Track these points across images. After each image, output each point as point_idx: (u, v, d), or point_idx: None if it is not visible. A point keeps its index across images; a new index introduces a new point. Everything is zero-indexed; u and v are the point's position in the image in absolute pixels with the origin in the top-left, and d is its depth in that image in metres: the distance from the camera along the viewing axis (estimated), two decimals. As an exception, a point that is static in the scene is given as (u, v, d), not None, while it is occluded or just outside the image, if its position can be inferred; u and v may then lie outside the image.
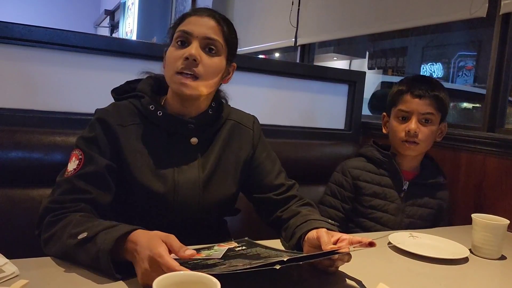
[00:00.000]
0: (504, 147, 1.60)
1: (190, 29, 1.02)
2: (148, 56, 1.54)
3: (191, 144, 1.08)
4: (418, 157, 1.54)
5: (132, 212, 1.08)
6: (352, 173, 1.53)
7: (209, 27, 1.03)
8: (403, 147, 1.49)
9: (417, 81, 1.49)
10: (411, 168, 1.54)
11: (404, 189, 1.50)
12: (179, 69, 1.00)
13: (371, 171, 1.53)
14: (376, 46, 6.46)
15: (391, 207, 1.49)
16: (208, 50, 1.03)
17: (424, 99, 1.45)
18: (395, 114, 1.52)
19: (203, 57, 1.02)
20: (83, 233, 0.83)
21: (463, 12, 1.95)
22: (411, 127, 1.45)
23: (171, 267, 0.71)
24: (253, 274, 0.74)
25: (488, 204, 1.64)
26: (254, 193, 1.20)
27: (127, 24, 6.82)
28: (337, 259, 0.89)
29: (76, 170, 0.98)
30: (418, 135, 1.45)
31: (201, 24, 1.03)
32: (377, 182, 1.51)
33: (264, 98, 1.87)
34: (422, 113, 1.45)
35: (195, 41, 1.01)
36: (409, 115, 1.47)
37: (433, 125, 1.48)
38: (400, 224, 1.49)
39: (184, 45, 1.02)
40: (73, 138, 1.31)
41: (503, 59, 1.79)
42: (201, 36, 1.02)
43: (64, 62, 1.45)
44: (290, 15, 3.23)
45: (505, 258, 1.18)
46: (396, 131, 1.50)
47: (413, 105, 1.46)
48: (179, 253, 0.76)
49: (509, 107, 1.90)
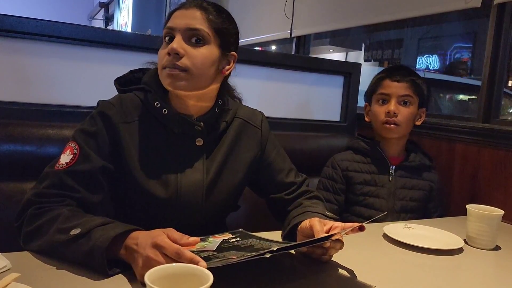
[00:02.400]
0: (499, 138, 1.60)
1: (173, 24, 0.98)
2: (143, 48, 1.52)
3: (196, 145, 1.04)
4: (401, 141, 1.60)
5: (131, 213, 1.05)
6: (341, 165, 1.59)
7: (193, 17, 0.98)
8: (385, 129, 1.56)
9: (395, 68, 1.62)
10: (396, 153, 1.60)
11: (391, 173, 1.55)
12: (165, 64, 0.97)
13: (359, 161, 1.59)
14: (372, 38, 6.44)
15: (382, 192, 1.54)
16: (195, 42, 0.98)
17: (402, 82, 1.55)
18: (376, 99, 1.61)
19: (187, 49, 0.97)
20: (75, 228, 0.81)
21: (459, 2, 1.94)
22: (391, 108, 1.53)
23: (176, 249, 0.72)
24: (246, 265, 0.74)
25: (483, 194, 1.65)
26: (266, 193, 1.19)
27: (122, 16, 6.76)
28: (330, 247, 0.89)
29: (68, 165, 0.93)
30: (398, 115, 1.53)
31: (184, 16, 0.99)
32: (366, 170, 1.57)
33: (260, 90, 1.86)
34: (401, 95, 1.54)
35: (178, 35, 0.97)
36: (389, 98, 1.56)
37: (412, 107, 1.56)
38: (394, 208, 1.53)
39: (171, 42, 0.98)
40: (66, 131, 1.31)
41: (498, 50, 1.79)
42: (183, 28, 0.97)
43: (56, 54, 1.43)
44: (285, 7, 3.21)
45: (500, 249, 1.18)
46: (377, 114, 1.58)
47: (391, 88, 1.56)
48: (181, 242, 0.77)
49: (504, 98, 1.90)
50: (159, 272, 0.63)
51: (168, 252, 0.73)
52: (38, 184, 0.94)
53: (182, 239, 0.78)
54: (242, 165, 1.12)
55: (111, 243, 0.78)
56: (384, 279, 0.92)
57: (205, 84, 1.01)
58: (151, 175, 1.00)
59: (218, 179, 1.07)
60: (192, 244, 0.79)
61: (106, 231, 0.80)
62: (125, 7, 6.53)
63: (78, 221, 0.84)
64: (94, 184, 0.96)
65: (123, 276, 0.79)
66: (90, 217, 0.86)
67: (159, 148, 1.02)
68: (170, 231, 0.79)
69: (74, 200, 0.93)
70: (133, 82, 1.09)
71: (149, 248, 0.74)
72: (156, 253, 0.74)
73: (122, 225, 0.83)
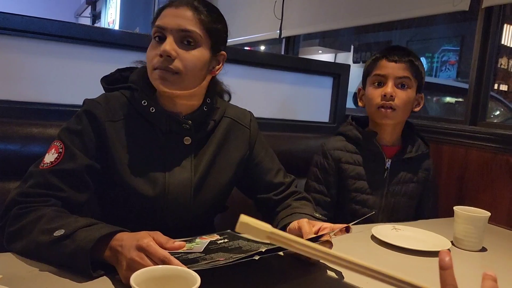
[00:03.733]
0: (486, 140, 1.61)
1: (164, 23, 0.96)
2: (131, 46, 1.50)
3: (184, 144, 1.03)
4: (397, 128, 1.49)
5: (118, 213, 1.04)
6: (333, 155, 1.48)
7: (184, 18, 0.96)
8: (380, 114, 1.43)
9: (393, 48, 1.47)
10: (392, 142, 1.50)
11: (387, 168, 1.46)
12: (156, 65, 0.96)
13: (352, 151, 1.48)
14: (361, 39, 6.47)
15: (376, 188, 1.46)
16: (186, 43, 0.97)
17: (400, 63, 1.42)
18: (371, 81, 1.47)
19: (179, 51, 0.96)
20: (59, 229, 0.80)
21: (446, 5, 1.95)
22: (387, 91, 1.40)
23: (160, 254, 0.71)
24: (234, 267, 0.73)
25: (470, 196, 1.66)
26: (254, 193, 1.18)
27: (109, 14, 6.70)
28: None
29: (53, 164, 0.92)
30: (395, 99, 1.41)
31: (175, 16, 0.96)
32: (359, 162, 1.47)
33: (249, 90, 1.85)
34: (399, 76, 1.42)
35: (169, 36, 0.96)
36: (385, 80, 1.43)
37: (410, 91, 1.44)
38: (387, 205, 1.47)
39: (161, 41, 0.97)
40: (51, 130, 1.28)
41: (486, 53, 1.81)
42: (175, 29, 0.96)
43: (41, 52, 1.40)
44: (275, 7, 3.21)
45: (486, 250, 1.19)
46: (372, 98, 1.45)
47: (388, 69, 1.43)
48: (167, 245, 0.75)
49: (490, 101, 1.92)
50: (145, 275, 0.62)
51: (154, 258, 0.72)
52: (22, 183, 0.92)
53: (168, 243, 0.76)
54: (231, 164, 1.11)
55: (96, 244, 0.76)
56: (372, 281, 0.91)
57: (195, 85, 1.01)
58: (138, 173, 0.99)
59: (206, 178, 1.06)
60: (177, 249, 0.77)
61: (91, 233, 0.78)
62: (112, 4, 6.48)
63: (62, 222, 0.82)
64: (79, 183, 0.94)
65: (108, 278, 0.77)
66: (75, 218, 0.85)
67: (146, 147, 1.01)
68: (156, 233, 0.78)
69: (59, 200, 0.91)
70: (120, 81, 1.07)
71: (134, 251, 0.73)
72: (141, 255, 0.72)
73: (107, 226, 0.82)
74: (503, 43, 2.01)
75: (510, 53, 4.08)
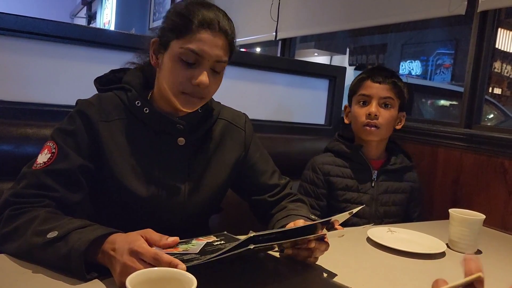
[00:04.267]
0: (480, 143, 1.62)
1: (203, 52, 0.92)
2: (126, 47, 1.49)
3: (178, 145, 1.02)
4: (381, 143, 1.58)
5: (112, 214, 1.03)
6: (322, 169, 1.55)
7: (221, 47, 0.94)
8: (365, 132, 1.53)
9: (377, 69, 1.58)
10: (377, 156, 1.57)
11: (374, 179, 1.53)
12: (186, 91, 0.94)
13: (341, 165, 1.55)
14: (357, 42, 6.50)
15: (365, 198, 1.51)
16: (216, 71, 0.96)
17: (383, 84, 1.52)
18: (356, 100, 1.57)
19: (211, 80, 0.95)
20: (52, 231, 0.79)
21: (442, 9, 1.96)
22: (372, 110, 1.50)
23: (154, 255, 0.70)
24: (231, 267, 0.73)
25: (465, 199, 1.66)
26: (249, 194, 1.18)
27: (105, 15, 6.68)
28: (315, 249, 0.88)
29: (46, 164, 0.91)
30: (379, 118, 1.50)
31: (214, 45, 0.92)
32: (348, 175, 1.54)
33: (244, 92, 1.85)
34: (382, 97, 1.51)
35: (206, 65, 0.93)
36: (370, 99, 1.53)
37: (393, 110, 1.53)
38: (376, 214, 1.52)
39: (191, 65, 0.93)
40: (45, 130, 1.27)
41: (481, 56, 1.81)
42: (212, 60, 0.94)
43: (37, 52, 1.39)
44: (271, 9, 3.21)
45: (481, 253, 1.19)
46: (357, 116, 1.55)
47: (373, 89, 1.52)
48: (161, 243, 0.75)
49: (485, 105, 1.93)
50: (141, 277, 0.61)
51: (146, 258, 0.71)
52: (15, 184, 0.91)
53: (162, 240, 0.76)
54: (225, 166, 1.11)
55: (89, 246, 0.76)
56: (367, 283, 0.92)
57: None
58: (132, 174, 0.98)
59: (200, 180, 1.06)
60: (171, 245, 0.77)
61: (84, 234, 0.78)
62: (108, 5, 6.46)
63: (56, 223, 0.82)
64: (73, 182, 0.94)
65: (102, 281, 0.77)
66: (68, 220, 0.84)
67: (140, 147, 1.00)
68: (148, 232, 0.77)
69: (53, 200, 0.90)
70: (114, 82, 1.06)
71: (126, 255, 0.72)
72: (133, 260, 0.71)
73: (101, 228, 0.81)
74: (497, 47, 2.02)
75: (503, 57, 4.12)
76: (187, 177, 1.04)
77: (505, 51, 4.25)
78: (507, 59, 4.21)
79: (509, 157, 1.53)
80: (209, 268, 0.73)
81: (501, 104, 3.90)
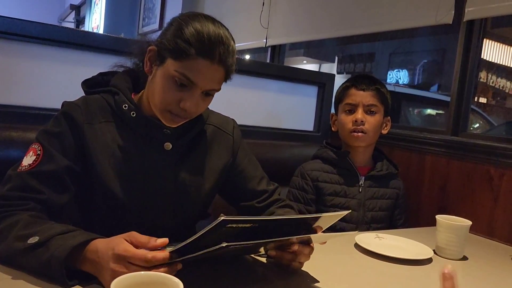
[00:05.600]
0: (467, 151, 1.64)
1: (197, 81, 0.90)
2: (114, 50, 1.48)
3: (164, 150, 1.01)
4: (368, 149, 1.61)
5: (97, 218, 1.02)
6: (310, 175, 1.57)
7: (217, 79, 0.92)
8: (352, 138, 1.56)
9: (360, 77, 1.62)
10: (364, 163, 1.60)
11: (361, 184, 1.55)
12: (173, 111, 0.93)
13: (329, 171, 1.58)
14: (345, 51, 6.56)
15: (352, 203, 1.53)
16: (207, 95, 0.95)
17: (367, 91, 1.56)
18: (342, 109, 1.61)
19: (199, 101, 0.94)
20: (33, 236, 0.77)
21: (430, 19, 1.99)
22: (358, 117, 1.54)
23: (140, 255, 0.69)
24: (217, 274, 0.72)
25: (452, 205, 1.68)
26: (237, 200, 1.17)
27: (94, 19, 6.63)
28: (298, 251, 0.88)
29: (32, 166, 0.90)
30: (365, 124, 1.54)
31: (210, 77, 0.91)
32: (336, 181, 1.56)
33: (233, 97, 1.85)
34: (367, 104, 1.55)
35: (197, 91, 0.91)
36: (355, 107, 1.57)
37: (378, 116, 1.57)
38: (363, 219, 1.53)
39: (183, 86, 0.90)
40: (30, 133, 1.25)
41: (467, 66, 1.84)
42: (204, 89, 0.92)
43: (23, 54, 1.38)
44: (261, 16, 3.23)
45: (467, 259, 1.20)
46: (344, 123, 1.59)
47: (358, 97, 1.56)
48: (149, 245, 0.74)
49: (470, 114, 1.96)
50: (126, 281, 0.60)
51: (136, 261, 0.70)
52: (0, 187, 0.90)
53: (150, 242, 0.74)
54: (213, 172, 1.10)
55: (71, 253, 0.74)
56: (349, 286, 0.92)
57: None
58: (117, 178, 0.97)
59: (187, 185, 1.05)
60: (161, 246, 0.75)
61: (66, 241, 0.76)
62: (97, 10, 6.42)
63: (38, 228, 0.80)
64: (59, 184, 0.92)
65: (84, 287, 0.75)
66: (51, 224, 0.82)
67: (125, 151, 0.99)
68: (133, 235, 0.75)
69: (38, 203, 0.89)
70: (101, 85, 1.05)
71: (112, 261, 0.71)
72: (120, 265, 0.70)
73: (83, 233, 0.79)
74: (483, 57, 2.05)
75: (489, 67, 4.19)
76: (173, 182, 1.02)
77: (491, 62, 4.32)
78: (492, 69, 4.28)
79: (494, 165, 1.55)
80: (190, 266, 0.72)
81: (486, 114, 3.95)
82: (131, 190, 0.98)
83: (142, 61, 1.02)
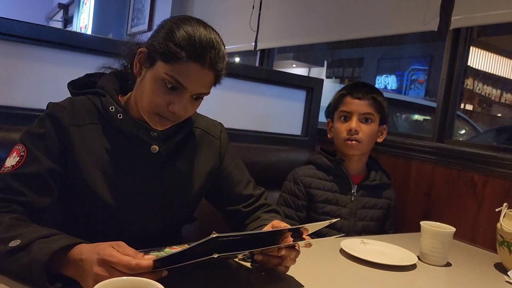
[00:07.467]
0: (452, 158, 1.66)
1: (187, 85, 0.89)
2: (102, 51, 1.46)
3: (151, 152, 1.00)
4: (362, 158, 1.60)
5: (80, 222, 1.00)
6: (303, 181, 1.56)
7: (207, 83, 0.92)
8: (346, 146, 1.55)
9: (357, 85, 1.62)
10: (358, 171, 1.60)
11: (354, 193, 1.54)
12: (161, 114, 0.92)
13: (322, 178, 1.57)
14: (335, 56, 6.60)
15: (344, 212, 1.53)
16: (197, 98, 0.95)
17: (363, 100, 1.55)
18: (338, 116, 1.60)
19: (188, 104, 0.93)
20: (15, 239, 0.76)
21: (417, 25, 2.01)
22: (352, 126, 1.53)
23: (125, 261, 0.68)
24: (201, 279, 0.72)
25: (436, 212, 1.70)
26: (223, 204, 1.16)
27: (82, 19, 6.58)
28: (285, 256, 0.88)
29: (14, 168, 0.88)
30: (359, 133, 1.53)
31: (200, 81, 0.90)
32: (329, 188, 1.55)
33: (221, 101, 1.85)
34: (362, 113, 1.55)
35: (187, 94, 0.91)
36: (350, 115, 1.56)
37: (373, 125, 1.56)
38: (354, 228, 1.53)
39: (172, 89, 0.90)
40: (15, 134, 1.23)
41: (453, 73, 1.86)
42: (194, 93, 0.92)
43: (8, 53, 1.35)
44: (251, 19, 3.23)
45: (450, 265, 1.21)
46: (339, 131, 1.58)
47: (353, 106, 1.56)
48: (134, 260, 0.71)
49: (457, 121, 1.98)
50: (110, 286, 0.60)
51: (120, 268, 0.69)
52: None
53: (136, 256, 0.73)
54: (200, 175, 1.09)
55: (53, 257, 0.73)
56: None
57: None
58: (102, 180, 0.96)
59: (173, 188, 1.04)
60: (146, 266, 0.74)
61: (48, 244, 0.75)
62: (85, 9, 6.37)
63: (20, 231, 0.79)
64: (42, 186, 0.91)
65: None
66: (33, 228, 0.81)
67: (112, 154, 0.98)
68: (120, 246, 0.74)
69: (21, 205, 0.87)
70: (88, 86, 1.04)
71: (96, 266, 0.70)
72: (104, 269, 0.70)
73: (65, 237, 0.78)
74: (469, 65, 2.07)
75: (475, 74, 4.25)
76: (160, 185, 1.02)
77: (478, 69, 4.39)
78: (478, 77, 4.35)
79: (479, 171, 1.57)
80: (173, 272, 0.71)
81: (472, 120, 4.00)
82: (117, 193, 0.97)
83: (130, 63, 1.01)
